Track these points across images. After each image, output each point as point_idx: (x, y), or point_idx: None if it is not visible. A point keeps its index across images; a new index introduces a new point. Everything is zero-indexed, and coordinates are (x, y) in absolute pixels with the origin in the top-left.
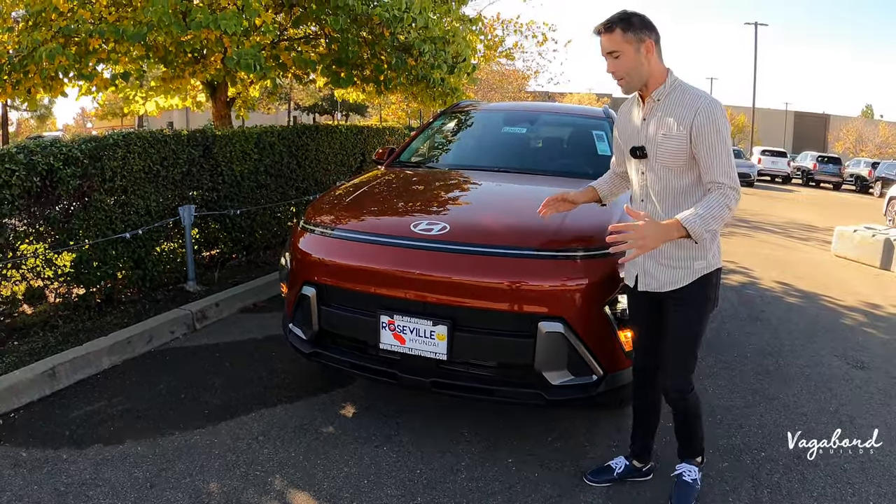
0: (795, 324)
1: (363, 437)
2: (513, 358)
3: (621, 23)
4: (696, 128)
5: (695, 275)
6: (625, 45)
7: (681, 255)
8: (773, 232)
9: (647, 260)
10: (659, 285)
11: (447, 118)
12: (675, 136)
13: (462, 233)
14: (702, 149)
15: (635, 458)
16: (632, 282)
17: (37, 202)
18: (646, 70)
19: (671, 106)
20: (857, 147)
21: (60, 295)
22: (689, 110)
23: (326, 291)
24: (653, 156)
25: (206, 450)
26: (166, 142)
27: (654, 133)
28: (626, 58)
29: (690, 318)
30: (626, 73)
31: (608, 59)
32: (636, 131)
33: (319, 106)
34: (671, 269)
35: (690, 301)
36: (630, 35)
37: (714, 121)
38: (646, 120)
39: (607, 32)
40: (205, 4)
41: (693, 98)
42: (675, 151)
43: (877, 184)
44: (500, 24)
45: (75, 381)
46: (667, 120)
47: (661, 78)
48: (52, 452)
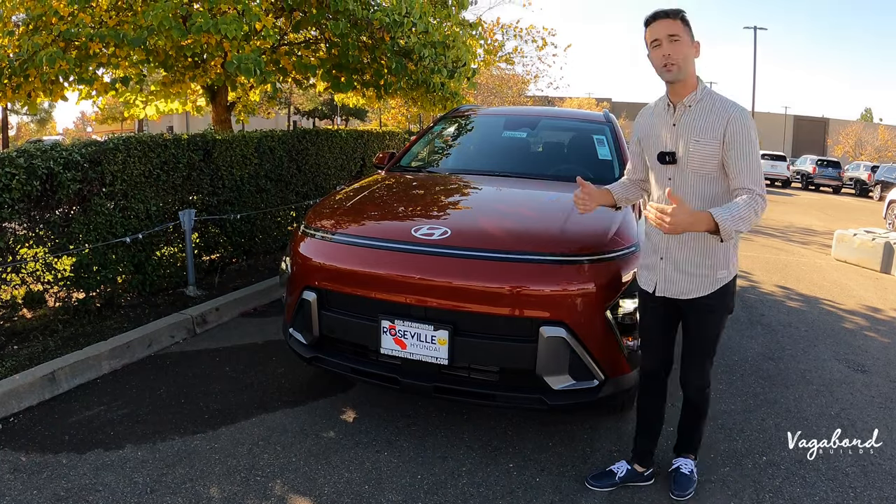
0: (796, 328)
1: (364, 441)
2: (514, 363)
3: (682, 13)
4: (730, 135)
5: (717, 284)
6: (684, 34)
7: (705, 263)
8: (772, 236)
9: (669, 267)
10: (680, 292)
11: (447, 123)
12: (707, 143)
13: (463, 237)
14: (733, 155)
15: (637, 463)
16: (650, 287)
17: (37, 206)
18: (691, 68)
19: (703, 113)
20: (857, 151)
21: (60, 299)
22: (722, 118)
23: (327, 296)
24: (683, 161)
25: (207, 455)
26: (166, 146)
27: (685, 139)
28: (683, 45)
29: (710, 323)
30: (682, 60)
31: (666, 42)
32: (664, 137)
33: (319, 110)
34: (694, 277)
35: (711, 308)
36: (688, 28)
37: (746, 129)
38: (676, 126)
39: (671, 17)
40: (205, 9)
41: (725, 106)
42: (706, 157)
43: (876, 187)
44: (500, 29)
45: (75, 386)
46: (699, 126)
47: (694, 84)
48: (52, 457)
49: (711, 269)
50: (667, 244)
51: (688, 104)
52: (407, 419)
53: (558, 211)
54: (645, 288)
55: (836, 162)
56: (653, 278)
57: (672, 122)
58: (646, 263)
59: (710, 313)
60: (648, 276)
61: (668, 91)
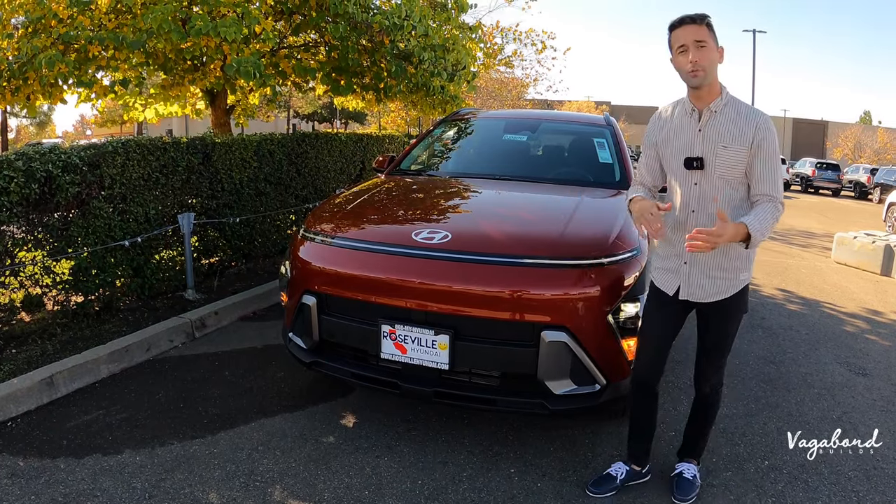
0: (797, 331)
1: (364, 446)
2: (515, 367)
3: (708, 19)
4: (758, 141)
5: (739, 285)
6: (710, 39)
7: (729, 265)
8: (772, 239)
9: (693, 270)
10: (703, 295)
11: (447, 126)
12: (735, 149)
13: (464, 241)
14: (759, 162)
15: (634, 462)
16: (672, 290)
17: (35, 209)
18: (716, 73)
19: (729, 118)
20: (856, 153)
21: (59, 303)
22: (750, 124)
23: (327, 300)
24: (711, 166)
25: (206, 460)
26: (165, 149)
27: (713, 144)
28: (710, 50)
29: (729, 324)
30: (709, 65)
31: (693, 47)
32: (690, 142)
33: (318, 114)
34: (718, 280)
35: (732, 310)
36: (713, 34)
37: (773, 136)
38: (702, 131)
39: (698, 23)
40: (204, 12)
41: (751, 112)
42: (734, 163)
43: (875, 190)
44: (500, 33)
45: (73, 390)
46: (727, 132)
47: (718, 89)
48: (50, 462)
49: (735, 271)
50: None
51: (714, 109)
52: (407, 424)
53: (560, 214)
54: (664, 289)
55: (836, 165)
56: (674, 281)
57: (698, 128)
58: (665, 266)
59: (730, 315)
60: (668, 279)
61: (692, 96)
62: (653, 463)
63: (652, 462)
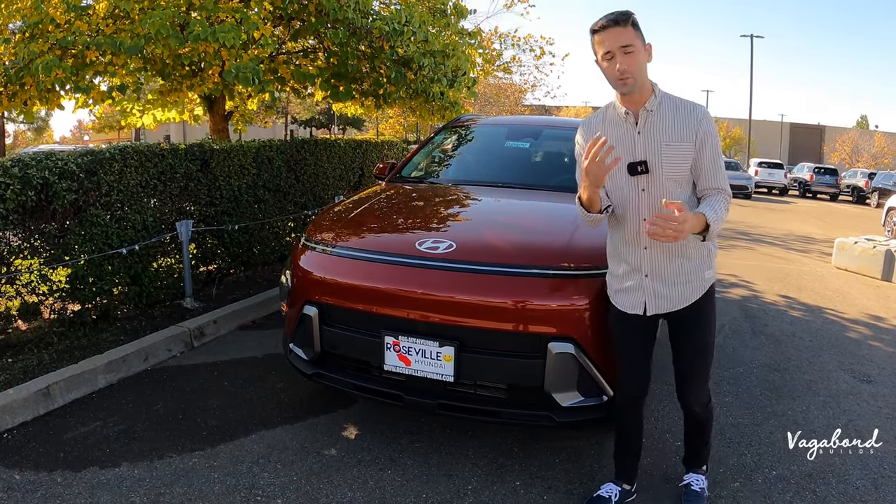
0: (800, 338)
1: (366, 459)
2: (522, 379)
3: (633, 17)
4: (702, 135)
5: (706, 285)
6: (637, 41)
7: (692, 268)
8: (772, 244)
9: (656, 281)
10: (672, 304)
11: (448, 133)
12: (680, 145)
13: (469, 251)
14: (706, 156)
15: (625, 482)
16: (639, 310)
17: (32, 216)
18: (646, 74)
19: (668, 115)
20: (853, 158)
21: (55, 311)
22: (692, 118)
23: (329, 311)
24: (657, 169)
25: (205, 473)
26: (163, 156)
27: (655, 145)
28: (638, 54)
29: (706, 328)
30: (638, 71)
31: (619, 54)
32: (630, 147)
33: (316, 120)
34: (684, 286)
35: (703, 313)
36: (640, 33)
37: (714, 129)
38: (641, 133)
39: (622, 25)
40: (203, 17)
41: (689, 106)
42: (681, 161)
43: (873, 194)
44: (498, 38)
45: (70, 401)
46: (669, 129)
47: (650, 88)
48: (46, 475)
49: (699, 271)
50: (651, 259)
51: (650, 109)
52: (410, 436)
53: (565, 223)
54: (632, 311)
55: (834, 169)
56: (639, 299)
57: (637, 131)
58: (625, 287)
59: (703, 317)
60: (631, 298)
61: (623, 100)
62: (660, 472)
63: (659, 472)
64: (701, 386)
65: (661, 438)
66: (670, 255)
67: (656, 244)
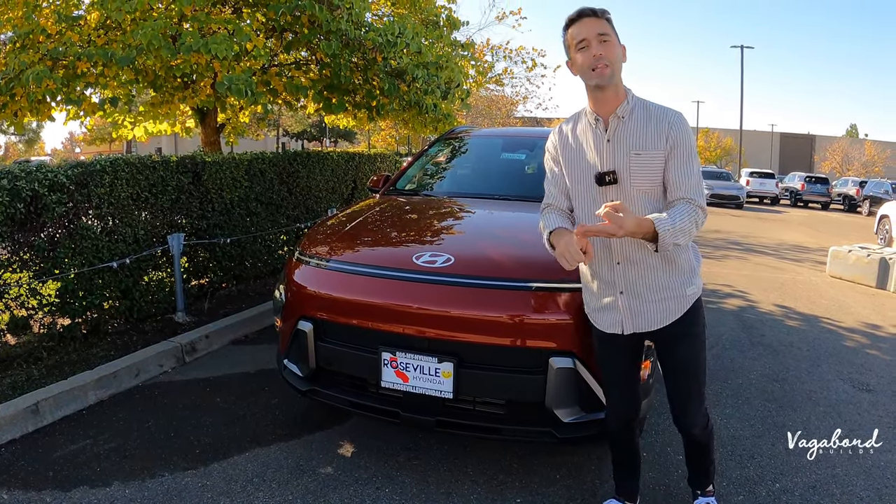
0: (798, 347)
1: (363, 477)
2: (523, 395)
3: (607, 13)
4: (673, 140)
5: (688, 302)
6: (613, 34)
7: (669, 284)
8: (766, 254)
9: (632, 299)
10: (650, 323)
11: (443, 144)
12: (650, 155)
13: (468, 265)
14: (674, 163)
15: (628, 499)
16: (617, 329)
17: (21, 229)
18: (620, 71)
19: (639, 122)
20: (844, 166)
21: (45, 325)
22: (662, 124)
23: (324, 327)
24: (626, 180)
25: (198, 493)
26: (155, 168)
27: (624, 153)
28: (614, 45)
29: (694, 347)
30: (615, 61)
31: (595, 42)
32: (598, 156)
33: (308, 132)
34: (662, 303)
35: (690, 330)
36: (614, 29)
37: (688, 135)
38: (610, 141)
39: (598, 16)
40: (195, 28)
41: (662, 111)
42: (651, 171)
43: (865, 202)
44: (490, 51)
45: (60, 418)
46: (639, 138)
47: (624, 92)
48: (35, 495)
49: (678, 288)
50: (624, 274)
51: (621, 115)
52: (408, 452)
53: None
54: (610, 331)
55: (825, 178)
56: (616, 318)
57: (606, 138)
58: (601, 305)
59: (689, 337)
60: (610, 318)
61: (594, 103)
62: (662, 488)
63: (661, 488)
64: (696, 408)
65: (662, 452)
66: (644, 269)
67: (628, 259)
